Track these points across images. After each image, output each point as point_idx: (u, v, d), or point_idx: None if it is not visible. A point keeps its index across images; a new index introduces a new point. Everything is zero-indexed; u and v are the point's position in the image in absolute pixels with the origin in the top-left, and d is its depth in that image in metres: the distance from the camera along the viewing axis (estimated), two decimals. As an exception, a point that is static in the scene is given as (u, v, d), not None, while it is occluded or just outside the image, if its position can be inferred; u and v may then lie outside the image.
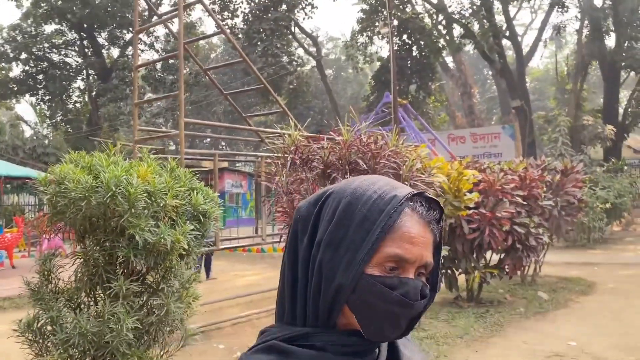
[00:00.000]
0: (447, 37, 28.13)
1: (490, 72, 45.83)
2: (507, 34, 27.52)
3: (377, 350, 0.83)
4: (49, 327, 3.18)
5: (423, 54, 28.52)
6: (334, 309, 0.78)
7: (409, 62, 28.41)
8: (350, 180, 0.85)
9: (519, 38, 32.23)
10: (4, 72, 32.19)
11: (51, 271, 3.33)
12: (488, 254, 7.37)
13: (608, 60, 23.72)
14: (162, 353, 3.37)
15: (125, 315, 2.92)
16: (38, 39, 30.98)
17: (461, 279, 7.29)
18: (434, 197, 0.84)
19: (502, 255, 7.27)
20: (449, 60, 35.85)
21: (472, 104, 32.56)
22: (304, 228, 0.82)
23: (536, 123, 26.37)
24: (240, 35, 29.12)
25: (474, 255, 7.00)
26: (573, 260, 11.81)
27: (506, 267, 7.17)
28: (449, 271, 7.10)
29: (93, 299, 3.29)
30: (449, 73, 34.87)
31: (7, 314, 7.35)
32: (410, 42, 28.78)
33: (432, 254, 0.81)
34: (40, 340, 3.20)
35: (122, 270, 3.15)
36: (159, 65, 30.33)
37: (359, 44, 30.38)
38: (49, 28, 32.01)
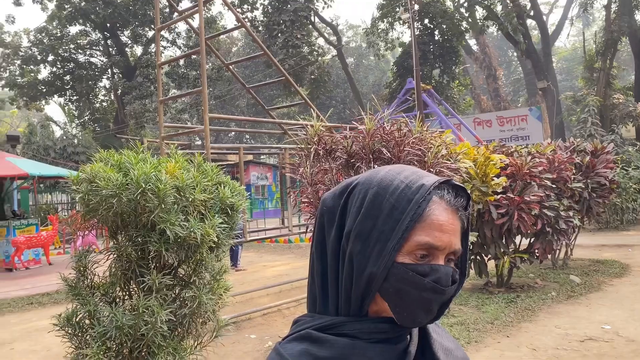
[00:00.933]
0: (470, 20, 27.65)
1: (515, 54, 44.88)
2: (532, 13, 26.88)
3: (408, 336, 0.85)
4: (86, 321, 3.29)
5: (446, 37, 28.10)
6: (366, 298, 0.80)
7: (431, 47, 28.04)
8: (375, 170, 0.86)
9: (544, 17, 31.44)
10: (32, 74, 32.98)
11: (86, 267, 3.43)
12: (517, 239, 7.28)
13: (639, 36, 22.96)
14: (195, 344, 3.45)
15: (159, 308, 3.00)
16: (64, 40, 31.64)
17: (490, 264, 7.22)
18: (461, 184, 0.85)
19: (532, 239, 7.17)
20: (472, 43, 35.28)
21: (497, 87, 32.01)
22: (331, 220, 0.83)
23: (564, 104, 25.74)
24: (260, 28, 29.19)
25: (503, 241, 6.92)
26: (606, 242, 11.56)
27: (536, 251, 7.07)
28: (478, 257, 7.04)
29: (127, 293, 3.39)
30: (472, 56, 34.32)
31: (46, 310, 7.61)
32: (432, 26, 28.38)
33: (460, 240, 0.83)
34: (79, 334, 3.31)
35: (154, 264, 3.23)
36: (181, 62, 30.64)
37: (379, 30, 30.11)
38: (73, 29, 32.70)
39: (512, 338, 5.19)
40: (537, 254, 7.09)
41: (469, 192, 0.86)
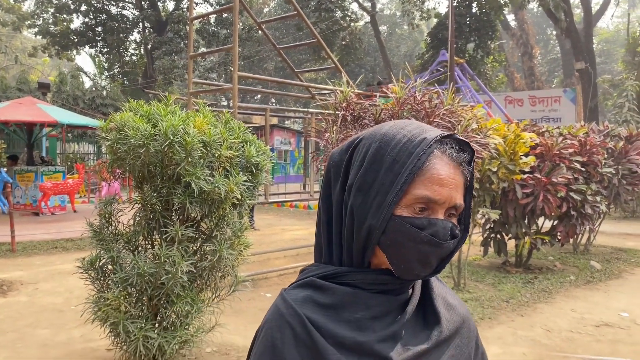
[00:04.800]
0: (510, -7, 26.68)
1: (554, 32, 43.38)
2: (576, -10, 25.82)
3: (410, 290, 0.86)
4: (109, 267, 3.38)
5: (483, 10, 27.20)
6: (366, 250, 0.81)
7: (467, 19, 27.22)
8: (381, 125, 0.86)
9: (589, -5, 30.16)
10: (65, 23, 33.15)
11: (111, 214, 3.50)
12: (540, 220, 7.17)
13: (687, 21, 21.92)
14: (213, 297, 3.53)
15: (180, 259, 3.06)
16: (97, -10, 31.60)
17: (510, 244, 7.16)
18: (464, 139, 0.83)
19: (555, 222, 7.06)
20: (510, 18, 34.19)
21: (532, 66, 31.13)
22: (337, 174, 0.85)
23: (600, 87, 24.96)
24: (293, -11, 28.63)
25: (526, 221, 6.83)
26: (630, 231, 11.34)
27: (558, 234, 6.97)
28: (499, 236, 6.98)
29: (150, 242, 3.46)
30: (509, 32, 33.31)
31: (70, 254, 7.85)
32: (470, -3, 27.49)
33: (462, 195, 0.82)
34: (102, 278, 3.41)
35: (177, 216, 3.28)
36: (212, 20, 30.41)
37: (415, -1, 29.29)
38: (107, -20, 32.55)
39: (526, 317, 5.18)
40: (559, 237, 6.99)
41: (472, 147, 0.84)
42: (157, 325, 3.32)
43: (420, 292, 0.88)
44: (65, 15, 32.67)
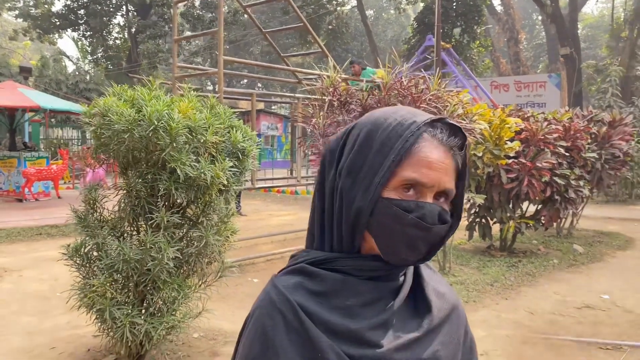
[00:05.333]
0: (497, -22, 26.66)
1: (539, 17, 43.52)
2: (562, -25, 25.84)
3: (402, 277, 0.86)
4: (94, 253, 3.35)
5: (470, -5, 27.17)
6: (355, 234, 0.81)
7: (454, 4, 27.16)
8: (374, 110, 0.86)
9: (574, -20, 30.23)
10: (46, 6, 32.43)
11: (96, 200, 3.47)
12: (525, 205, 7.26)
13: (671, 6, 22.12)
14: (200, 283, 3.52)
15: (166, 245, 3.04)
16: (79, -28, 30.91)
17: (495, 228, 7.24)
18: (456, 123, 0.83)
19: (539, 206, 7.15)
20: (496, 3, 34.17)
21: (518, 51, 31.23)
22: (331, 161, 0.85)
23: (585, 72, 25.13)
24: (280, -28, 28.28)
25: (510, 205, 6.91)
26: (613, 215, 11.54)
27: (542, 218, 7.06)
28: (483, 220, 7.05)
29: (135, 228, 3.43)
30: (496, 17, 33.31)
31: (55, 241, 7.77)
32: (456, -18, 27.41)
33: (453, 180, 0.82)
34: (87, 265, 3.38)
35: (163, 202, 3.26)
36: (197, 2, 29.97)
37: (402, -17, 29.14)
38: (89, -39, 31.82)
39: (510, 301, 5.26)
40: (543, 221, 7.09)
41: (464, 132, 0.84)
42: (143, 311, 3.31)
43: (412, 280, 0.88)
44: (46, -2, 31.96)
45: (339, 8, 30.05)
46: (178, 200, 3.23)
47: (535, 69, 43.29)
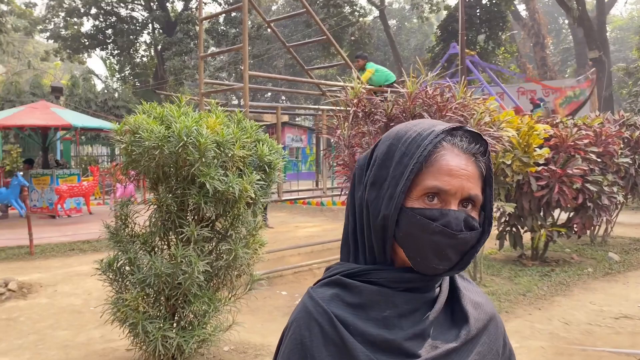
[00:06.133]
0: (520, -17, 26.40)
1: (566, 21, 42.83)
2: (588, -22, 25.43)
3: (438, 288, 0.87)
4: (127, 268, 3.41)
5: (494, 1, 26.95)
6: (385, 245, 0.82)
7: (478, 11, 26.98)
8: (398, 125, 0.88)
9: (601, -18, 29.73)
10: (76, 27, 33.44)
11: (128, 216, 3.53)
12: (556, 213, 7.10)
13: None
14: (229, 295, 3.55)
15: (196, 258, 3.08)
16: (106, -7, 31.84)
17: (526, 237, 7.10)
18: (476, 131, 0.84)
19: (571, 213, 6.99)
20: (521, 8, 33.80)
21: (544, 56, 30.76)
22: (360, 175, 0.87)
23: (615, 76, 24.60)
24: (301, -14, 28.53)
25: (541, 213, 6.77)
26: (648, 221, 11.19)
27: (575, 226, 6.89)
28: (514, 229, 6.92)
29: (166, 242, 3.48)
30: (520, 22, 32.94)
31: (87, 256, 7.94)
32: (479, -11, 27.25)
33: (479, 187, 0.82)
34: (120, 279, 3.44)
35: (193, 216, 3.30)
36: (221, 19, 30.48)
37: (424, -8, 29.10)
38: (116, -18, 32.77)
39: (543, 311, 5.14)
40: (576, 229, 6.92)
41: (484, 138, 0.85)
42: (175, 324, 3.35)
43: (448, 291, 0.88)
44: (75, 19, 32.96)
45: (361, 19, 30.15)
46: (207, 214, 3.27)
47: (564, 73, 42.53)
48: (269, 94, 42.08)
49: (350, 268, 0.85)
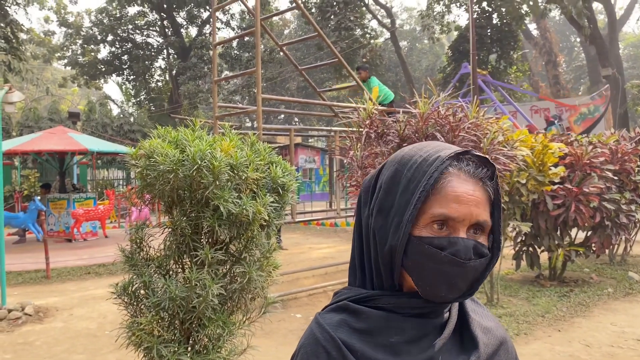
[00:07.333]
0: (531, 2, 26.49)
1: (578, 39, 42.79)
2: (598, -4, 25.48)
3: (447, 313, 0.85)
4: (142, 291, 3.41)
5: (504, 21, 27.06)
6: (393, 272, 0.81)
7: (488, 31, 27.11)
8: (403, 148, 0.87)
9: (612, 0, 29.76)
10: (93, 53, 34.22)
11: (143, 239, 3.55)
12: (573, 232, 7.00)
13: None
14: (244, 319, 3.52)
15: (210, 282, 3.07)
16: (122, 20, 32.63)
17: (543, 257, 7.00)
18: (483, 155, 0.83)
19: (589, 232, 6.89)
20: (532, 27, 33.89)
21: (557, 74, 30.72)
22: (365, 199, 0.86)
23: (629, 92, 24.40)
24: (313, 10, 29.00)
25: (558, 233, 6.68)
26: (669, 239, 10.95)
27: (593, 245, 6.78)
28: (531, 248, 6.83)
29: (181, 266, 3.48)
30: (532, 41, 33.01)
31: (103, 280, 7.98)
32: (490, 9, 27.39)
33: (487, 212, 0.81)
34: (135, 303, 3.44)
35: (207, 239, 3.31)
36: (234, 44, 30.98)
37: (435, 13, 29.35)
38: (132, 10, 33.61)
39: (563, 332, 5.03)
40: (594, 248, 6.81)
41: (492, 161, 0.84)
42: (189, 348, 3.33)
43: (458, 317, 0.87)
44: (92, 46, 33.75)
45: (372, 41, 30.43)
46: (221, 237, 3.27)
47: (577, 91, 42.35)
48: (282, 115, 42.43)
49: (358, 293, 0.84)
